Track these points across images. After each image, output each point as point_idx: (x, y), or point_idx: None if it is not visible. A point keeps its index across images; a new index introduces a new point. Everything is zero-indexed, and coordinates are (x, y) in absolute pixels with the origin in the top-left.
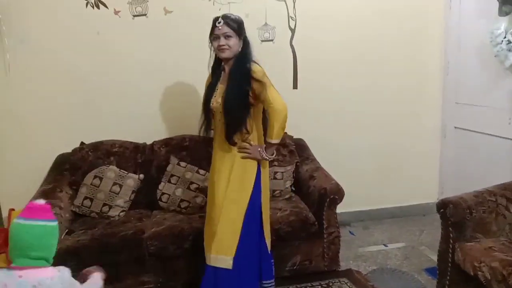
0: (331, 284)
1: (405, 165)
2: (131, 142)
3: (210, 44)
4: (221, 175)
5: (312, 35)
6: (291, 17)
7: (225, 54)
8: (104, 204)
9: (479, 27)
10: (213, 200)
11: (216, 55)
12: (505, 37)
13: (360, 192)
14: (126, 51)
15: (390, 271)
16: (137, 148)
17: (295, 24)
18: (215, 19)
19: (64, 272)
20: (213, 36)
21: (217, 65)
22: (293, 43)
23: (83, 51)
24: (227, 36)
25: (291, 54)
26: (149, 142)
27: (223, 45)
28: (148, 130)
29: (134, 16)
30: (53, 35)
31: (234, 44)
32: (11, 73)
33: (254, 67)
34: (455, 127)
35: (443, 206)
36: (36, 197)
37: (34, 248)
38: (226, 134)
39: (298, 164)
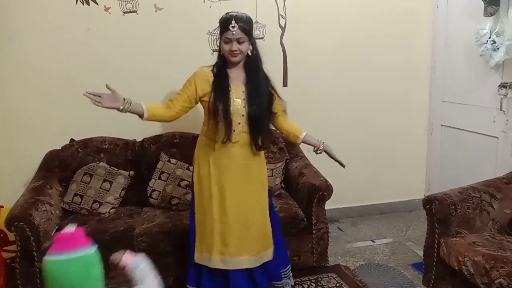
0: (319, 279)
1: (392, 162)
2: (121, 139)
3: (219, 43)
4: (241, 181)
5: (302, 33)
6: (281, 15)
7: (237, 59)
8: (95, 201)
9: (465, 27)
10: (240, 207)
11: (221, 55)
12: (490, 37)
13: (349, 188)
14: (116, 48)
15: (377, 266)
16: (127, 145)
17: (285, 22)
18: (226, 21)
19: None
20: (224, 39)
21: (223, 66)
22: (283, 41)
23: (73, 47)
24: (240, 42)
25: (281, 52)
26: (139, 139)
27: (235, 51)
28: (138, 127)
29: (125, 12)
30: (43, 32)
31: (246, 48)
32: (0, 70)
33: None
34: (442, 125)
35: (428, 203)
36: (25, 194)
37: (77, 286)
38: (255, 139)
39: (288, 161)
